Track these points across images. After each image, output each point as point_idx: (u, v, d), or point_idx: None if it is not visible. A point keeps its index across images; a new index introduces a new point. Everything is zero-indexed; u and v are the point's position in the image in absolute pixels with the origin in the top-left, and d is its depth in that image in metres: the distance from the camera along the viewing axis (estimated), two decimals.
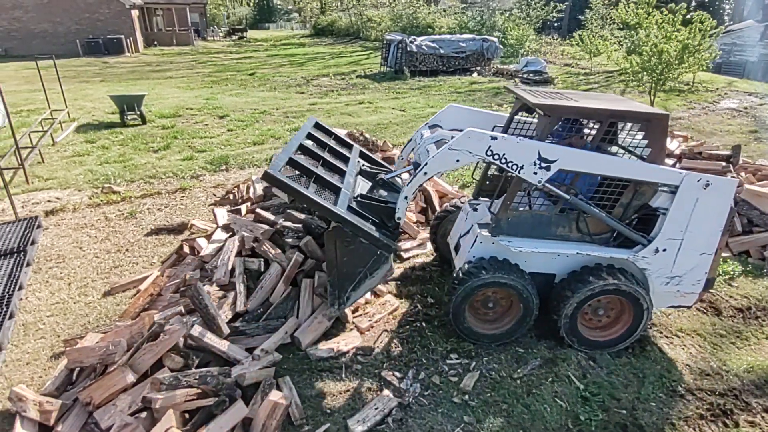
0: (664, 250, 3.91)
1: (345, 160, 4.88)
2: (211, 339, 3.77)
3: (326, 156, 4.68)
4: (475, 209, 4.61)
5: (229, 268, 4.62)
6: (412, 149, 4.68)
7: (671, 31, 13.32)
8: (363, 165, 5.10)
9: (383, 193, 4.62)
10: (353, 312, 4.52)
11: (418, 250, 5.71)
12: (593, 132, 4.10)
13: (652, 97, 14.18)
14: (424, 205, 6.49)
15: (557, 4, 30.43)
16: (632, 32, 16.72)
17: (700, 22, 13.11)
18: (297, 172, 4.11)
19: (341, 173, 4.53)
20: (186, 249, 5.48)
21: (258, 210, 5.48)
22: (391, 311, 4.62)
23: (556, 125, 3.87)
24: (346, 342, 4.18)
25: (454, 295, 3.97)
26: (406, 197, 3.87)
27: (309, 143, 4.73)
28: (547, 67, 20.25)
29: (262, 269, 4.65)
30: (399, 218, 3.95)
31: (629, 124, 3.97)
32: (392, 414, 3.52)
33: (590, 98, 4.21)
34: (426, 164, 3.73)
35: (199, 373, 3.39)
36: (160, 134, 11.08)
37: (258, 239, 4.87)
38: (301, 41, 36.53)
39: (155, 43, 33.34)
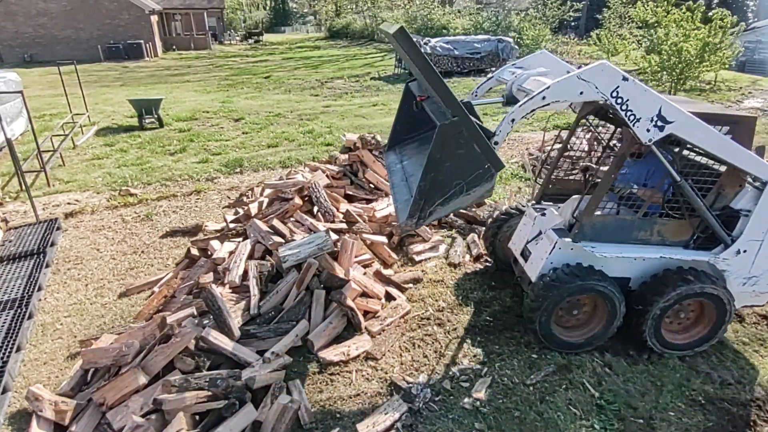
0: (745, 251, 3.91)
1: None
2: (222, 341, 3.79)
3: None
4: (543, 214, 4.47)
5: (242, 271, 4.66)
6: (490, 88, 4.46)
7: (691, 29, 13.03)
8: None
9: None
10: (364, 315, 4.50)
11: (430, 253, 5.67)
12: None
13: None
14: None
15: (574, 3, 29.99)
16: (651, 31, 16.38)
17: (720, 19, 12.82)
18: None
19: None
20: (194, 251, 5.53)
21: (275, 222, 5.44)
22: (402, 315, 4.59)
23: None
24: (357, 346, 4.16)
25: (543, 303, 3.90)
26: (513, 119, 3.43)
27: None
28: None
29: (274, 272, 4.67)
30: (497, 142, 3.45)
31: (717, 128, 3.81)
32: (402, 419, 3.48)
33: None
34: (548, 88, 3.40)
35: (210, 376, 3.41)
36: (177, 137, 11.25)
37: (269, 249, 4.88)
38: (315, 44, 36.77)
39: (174, 47, 33.97)
